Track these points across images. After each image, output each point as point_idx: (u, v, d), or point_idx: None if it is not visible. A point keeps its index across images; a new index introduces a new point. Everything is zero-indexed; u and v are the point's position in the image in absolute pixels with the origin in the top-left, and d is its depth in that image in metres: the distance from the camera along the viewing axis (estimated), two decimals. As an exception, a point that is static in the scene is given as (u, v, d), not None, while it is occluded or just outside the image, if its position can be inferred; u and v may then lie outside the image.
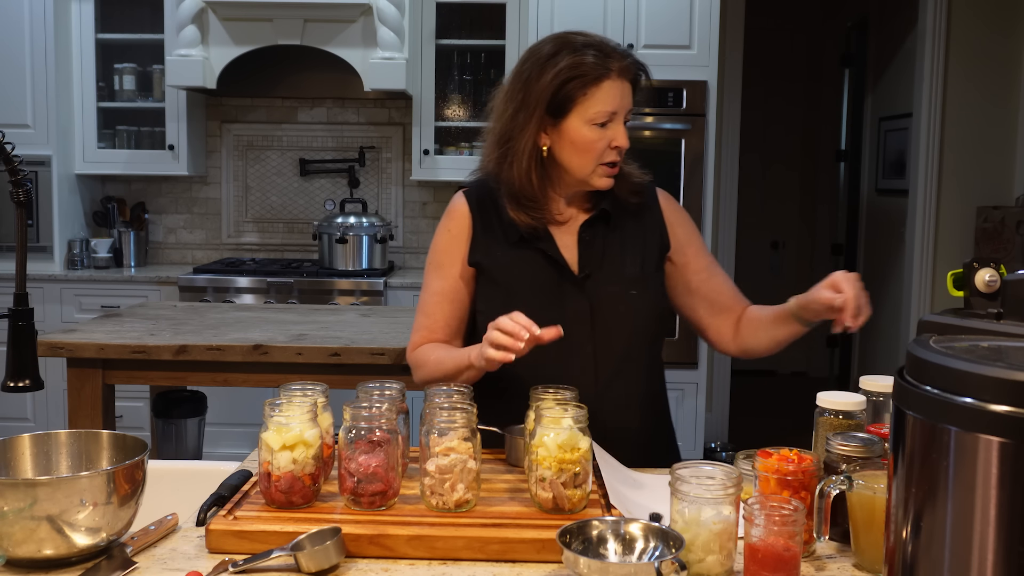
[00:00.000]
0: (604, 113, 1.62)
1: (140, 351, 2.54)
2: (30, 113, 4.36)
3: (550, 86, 1.62)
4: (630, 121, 1.68)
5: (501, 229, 1.72)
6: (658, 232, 1.77)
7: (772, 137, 6.56)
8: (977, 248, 4.65)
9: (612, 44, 1.66)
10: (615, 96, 1.62)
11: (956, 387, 0.89)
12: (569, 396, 1.48)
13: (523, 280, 1.70)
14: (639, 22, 4.16)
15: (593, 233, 1.73)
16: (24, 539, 1.16)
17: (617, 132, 1.64)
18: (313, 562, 1.18)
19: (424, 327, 1.75)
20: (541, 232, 1.70)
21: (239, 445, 4.11)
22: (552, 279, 1.69)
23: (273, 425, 1.32)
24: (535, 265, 1.70)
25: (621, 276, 1.71)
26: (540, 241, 1.70)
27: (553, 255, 1.70)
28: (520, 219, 1.68)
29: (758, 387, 6.28)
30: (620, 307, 1.68)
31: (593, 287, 1.70)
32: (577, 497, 1.32)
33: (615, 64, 1.63)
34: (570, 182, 1.70)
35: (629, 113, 1.66)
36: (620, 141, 1.64)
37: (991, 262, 1.20)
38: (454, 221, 1.75)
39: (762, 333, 1.78)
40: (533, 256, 1.70)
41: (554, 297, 1.68)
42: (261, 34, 4.22)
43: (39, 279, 4.25)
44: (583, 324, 1.67)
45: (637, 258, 1.73)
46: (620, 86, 1.63)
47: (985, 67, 4.70)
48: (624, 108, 1.64)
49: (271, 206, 4.85)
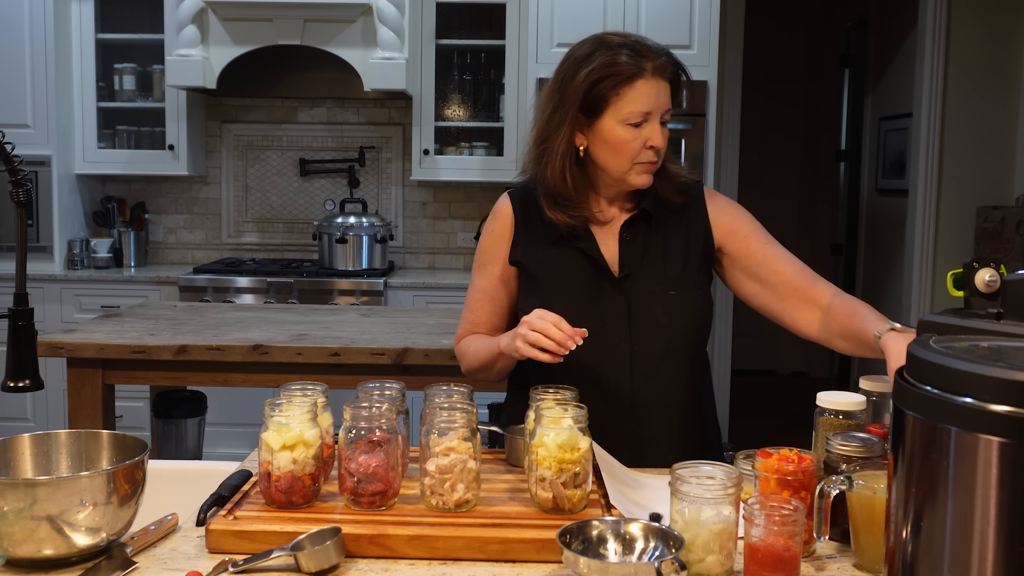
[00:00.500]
0: (637, 113, 1.61)
1: (140, 351, 2.54)
2: (30, 113, 4.36)
3: (583, 85, 1.61)
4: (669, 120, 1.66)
5: (543, 229, 1.73)
6: (702, 232, 1.75)
7: (772, 137, 6.56)
8: (977, 248, 4.65)
9: (649, 43, 1.64)
10: (649, 96, 1.61)
11: (956, 387, 0.89)
12: (569, 396, 1.48)
13: (562, 279, 1.70)
14: (639, 22, 4.16)
15: (634, 232, 1.72)
16: (24, 539, 1.16)
17: (652, 132, 1.63)
18: (313, 562, 1.18)
19: (468, 321, 1.80)
20: (581, 231, 1.71)
21: (239, 445, 4.11)
22: (591, 278, 1.70)
23: (273, 425, 1.32)
24: (574, 264, 1.70)
25: (661, 276, 1.70)
26: (580, 240, 1.71)
27: (592, 254, 1.70)
28: (557, 218, 1.69)
29: (758, 387, 6.29)
30: (659, 308, 1.68)
31: (632, 287, 1.69)
32: (577, 497, 1.32)
33: (649, 63, 1.61)
34: (608, 181, 1.70)
35: (667, 113, 1.64)
36: (655, 141, 1.63)
37: (991, 262, 1.20)
38: (497, 221, 1.78)
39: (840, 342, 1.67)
40: (573, 255, 1.71)
41: (592, 296, 1.69)
42: (261, 34, 4.22)
43: (39, 279, 4.25)
44: (621, 324, 1.67)
45: (679, 258, 1.72)
46: (655, 85, 1.61)
47: (985, 67, 4.70)
48: (660, 108, 1.62)
49: (271, 206, 4.85)
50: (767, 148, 6.52)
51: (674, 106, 1.66)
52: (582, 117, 1.64)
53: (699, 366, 1.79)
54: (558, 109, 1.65)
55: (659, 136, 1.63)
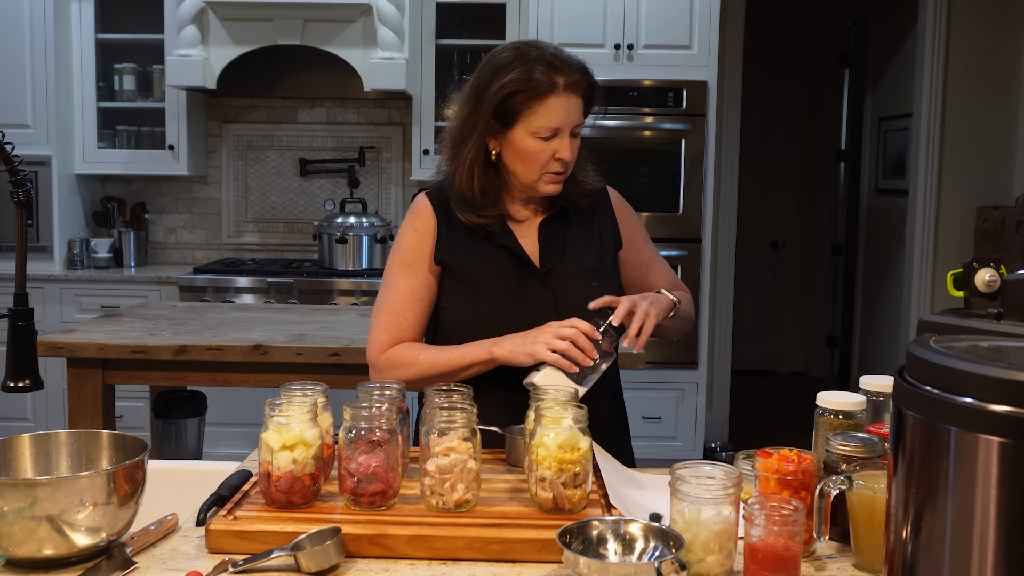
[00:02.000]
0: (547, 128, 1.66)
1: (140, 351, 2.54)
2: (30, 113, 4.36)
3: (497, 96, 1.66)
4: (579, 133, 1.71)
5: (464, 227, 1.75)
6: (611, 229, 1.85)
7: (772, 137, 6.56)
8: (977, 248, 4.65)
9: (564, 58, 1.68)
10: (559, 112, 1.65)
11: (956, 387, 0.89)
12: (569, 396, 1.48)
13: (489, 276, 1.74)
14: (639, 22, 4.16)
15: (552, 230, 1.78)
16: (24, 539, 1.16)
17: (561, 145, 1.67)
18: (313, 562, 1.18)
19: (393, 327, 1.74)
20: (500, 229, 1.75)
21: (239, 445, 4.11)
22: (516, 274, 1.74)
23: (273, 425, 1.32)
24: (499, 261, 1.74)
25: (582, 268, 1.77)
26: (501, 237, 1.75)
27: (516, 250, 1.74)
28: (467, 219, 1.73)
29: (758, 387, 6.29)
30: (582, 298, 1.70)
31: (556, 279, 1.75)
32: (577, 497, 1.32)
33: (562, 79, 1.65)
34: (519, 186, 1.76)
35: (579, 127, 1.69)
36: (563, 154, 1.68)
37: (991, 262, 1.20)
38: (420, 220, 1.78)
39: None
40: (496, 252, 1.74)
41: (519, 291, 1.73)
42: (261, 34, 4.22)
43: (39, 279, 4.25)
44: (548, 315, 1.69)
45: (595, 251, 1.80)
46: (567, 101, 1.65)
47: (985, 67, 4.70)
48: (569, 124, 1.67)
49: (271, 206, 4.85)
50: (767, 148, 6.53)
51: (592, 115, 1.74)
52: (495, 124, 1.69)
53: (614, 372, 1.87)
54: (472, 114, 1.70)
55: (567, 149, 1.68)
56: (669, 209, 4.24)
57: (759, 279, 6.63)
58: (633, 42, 4.16)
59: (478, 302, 1.71)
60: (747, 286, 6.34)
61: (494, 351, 1.63)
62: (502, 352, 1.62)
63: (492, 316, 1.71)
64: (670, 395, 4.34)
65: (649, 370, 4.18)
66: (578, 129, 1.70)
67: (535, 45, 1.70)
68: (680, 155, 4.20)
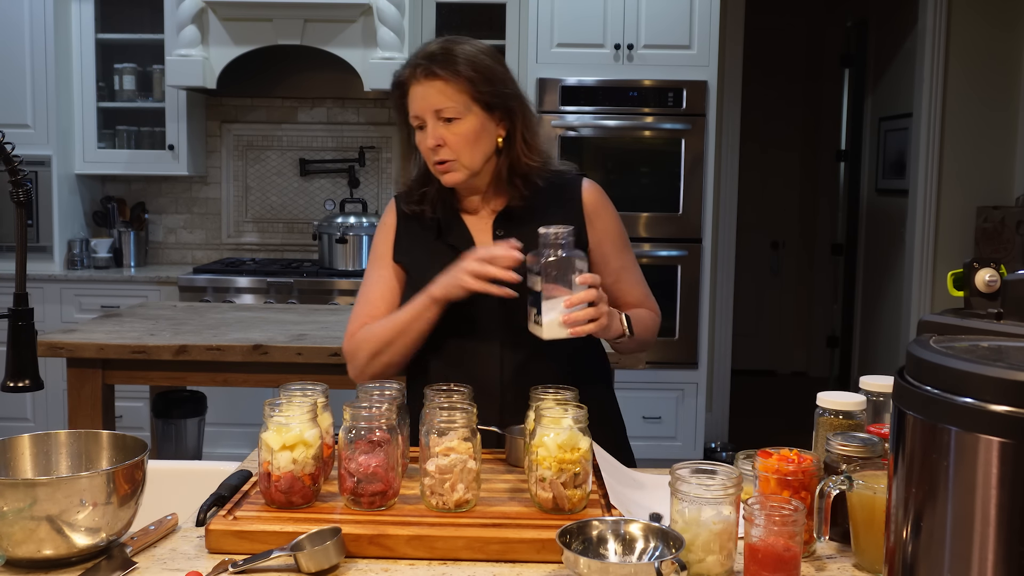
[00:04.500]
0: (415, 118, 1.69)
1: (140, 351, 2.54)
2: (30, 113, 4.36)
3: (393, 101, 1.74)
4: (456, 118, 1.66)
5: (422, 229, 1.78)
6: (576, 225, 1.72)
7: (772, 137, 6.56)
8: (977, 248, 4.65)
9: (428, 47, 1.70)
10: (416, 100, 1.67)
11: (956, 387, 0.89)
12: (569, 396, 1.48)
13: (435, 275, 1.71)
14: (639, 22, 4.17)
15: (507, 227, 1.74)
16: (24, 539, 1.16)
17: (427, 134, 1.68)
18: (313, 562, 1.18)
19: (365, 315, 1.78)
20: (456, 226, 1.76)
21: (239, 445, 4.11)
22: None
23: (273, 425, 1.32)
24: (448, 260, 1.71)
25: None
26: (453, 236, 1.75)
27: (462, 248, 1.71)
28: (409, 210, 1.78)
29: (758, 387, 6.28)
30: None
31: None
32: (577, 497, 1.32)
33: (411, 70, 1.68)
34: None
35: (446, 110, 1.65)
36: (427, 142, 1.68)
37: (991, 262, 1.20)
38: (386, 216, 1.84)
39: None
40: (447, 252, 1.73)
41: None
42: (261, 34, 4.22)
43: (39, 279, 4.25)
44: (492, 317, 1.68)
45: None
46: (422, 88, 1.66)
47: (985, 67, 4.70)
48: (427, 110, 1.66)
49: (271, 206, 4.85)
50: (767, 148, 6.53)
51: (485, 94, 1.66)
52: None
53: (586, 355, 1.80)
54: (400, 124, 1.76)
55: (431, 137, 1.67)
56: (669, 209, 4.24)
57: (759, 279, 6.63)
58: (633, 42, 4.16)
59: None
60: (747, 286, 6.34)
61: (433, 293, 1.64)
62: (439, 293, 1.63)
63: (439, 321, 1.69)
64: (670, 395, 4.34)
65: (649, 370, 4.18)
66: (448, 112, 1.65)
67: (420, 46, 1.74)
68: (680, 155, 4.20)
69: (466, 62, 1.66)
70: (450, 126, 1.66)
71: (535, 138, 1.75)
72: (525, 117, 1.73)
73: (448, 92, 1.65)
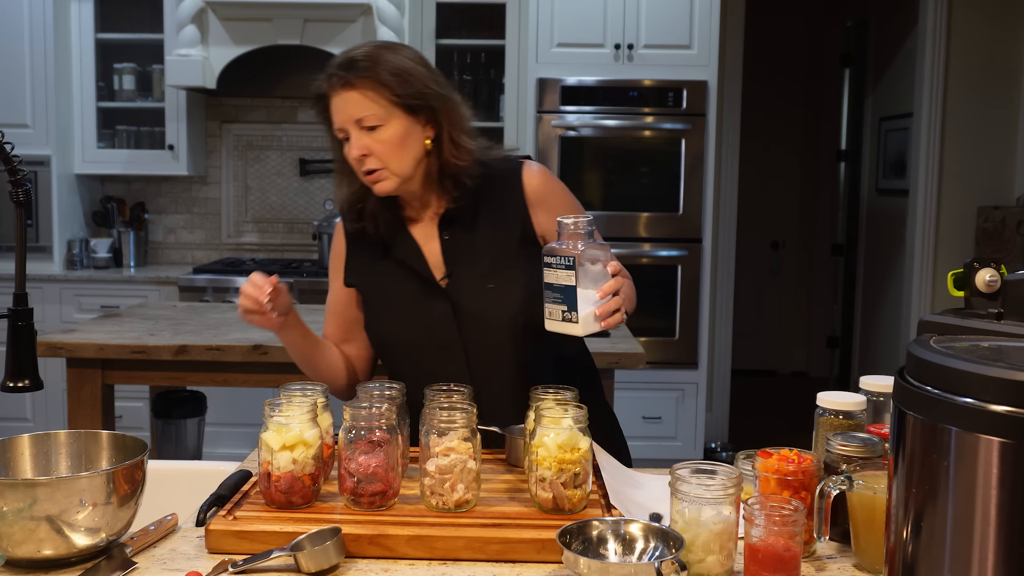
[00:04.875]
0: (339, 131, 1.63)
1: (140, 351, 2.54)
2: (30, 113, 4.36)
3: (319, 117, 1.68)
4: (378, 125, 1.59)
5: (369, 247, 1.73)
6: (518, 217, 1.70)
7: (772, 137, 6.56)
8: (978, 248, 4.65)
9: (338, 58, 1.64)
10: (337, 112, 1.62)
11: (956, 387, 0.88)
12: (569, 396, 1.48)
13: (386, 294, 1.70)
14: (639, 22, 4.16)
15: (452, 229, 1.69)
16: (24, 539, 1.16)
17: (349, 146, 1.62)
18: (313, 562, 1.18)
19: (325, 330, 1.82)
20: (402, 238, 1.70)
21: (239, 445, 4.11)
22: (415, 287, 1.69)
23: (273, 425, 1.32)
24: (398, 276, 1.69)
25: (477, 271, 1.67)
26: (399, 249, 1.70)
27: (411, 263, 1.68)
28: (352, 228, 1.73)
29: (758, 387, 6.28)
30: (479, 304, 1.65)
31: (454, 287, 1.67)
32: (577, 497, 1.32)
33: (328, 80, 1.63)
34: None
35: (361, 121, 1.59)
36: (350, 153, 1.61)
37: (992, 262, 1.19)
38: (334, 242, 1.80)
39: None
40: (395, 267, 1.70)
41: (418, 305, 1.68)
42: (261, 34, 4.22)
43: (39, 279, 4.25)
44: (448, 325, 1.66)
45: (495, 248, 1.68)
46: (339, 100, 1.61)
47: (985, 67, 4.70)
48: (348, 120, 1.60)
49: (271, 206, 4.85)
50: (767, 148, 6.53)
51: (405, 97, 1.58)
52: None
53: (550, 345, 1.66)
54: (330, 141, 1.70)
55: (354, 147, 1.60)
56: (669, 209, 4.24)
57: (759, 279, 6.63)
58: (633, 42, 4.16)
59: (380, 324, 1.70)
60: (747, 286, 6.34)
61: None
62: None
63: (395, 335, 1.69)
64: (670, 395, 4.33)
65: (649, 370, 4.18)
66: (370, 120, 1.58)
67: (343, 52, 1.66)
68: (680, 155, 4.20)
69: (382, 66, 1.59)
70: (373, 134, 1.59)
71: (464, 137, 1.66)
72: (452, 117, 1.64)
73: (366, 99, 1.58)
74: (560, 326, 1.43)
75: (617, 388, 2.81)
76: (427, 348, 1.67)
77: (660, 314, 4.27)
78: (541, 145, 4.20)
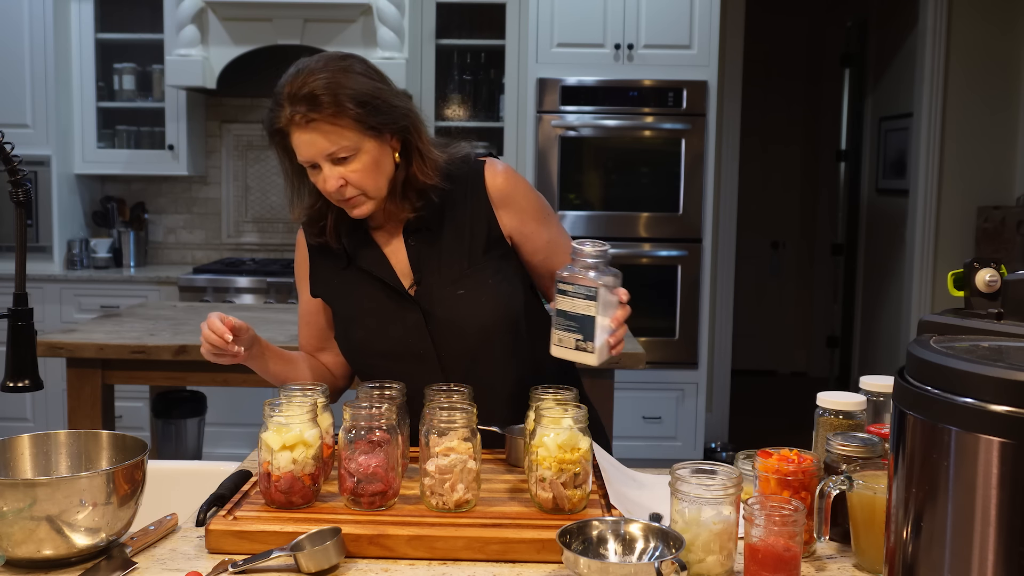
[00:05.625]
0: (305, 162, 1.54)
1: (140, 351, 2.54)
2: (30, 113, 4.36)
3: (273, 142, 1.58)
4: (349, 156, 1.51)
5: (333, 257, 1.69)
6: (484, 218, 1.66)
7: (772, 137, 6.56)
8: (978, 248, 4.65)
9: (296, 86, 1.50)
10: (301, 147, 1.52)
11: (956, 387, 0.88)
12: (569, 396, 1.48)
13: (355, 305, 1.68)
14: (639, 22, 4.16)
15: (419, 236, 1.66)
16: (23, 539, 1.16)
17: (322, 178, 1.53)
18: (313, 562, 1.18)
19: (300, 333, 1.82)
20: (366, 247, 1.67)
21: (239, 445, 4.11)
22: (384, 296, 1.66)
23: (273, 425, 1.32)
24: (366, 286, 1.67)
25: (448, 278, 1.64)
26: (365, 259, 1.67)
27: (379, 274, 1.65)
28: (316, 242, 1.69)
29: (758, 387, 6.28)
30: (451, 311, 1.64)
31: (424, 295, 1.64)
32: (577, 497, 1.32)
33: (288, 116, 1.50)
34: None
35: (333, 155, 1.51)
36: (328, 186, 1.53)
37: (992, 262, 1.19)
38: (298, 252, 1.78)
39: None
40: (362, 277, 1.67)
41: (388, 315, 1.65)
42: (261, 34, 4.22)
43: (39, 279, 4.25)
44: (421, 334, 1.64)
45: (463, 252, 1.65)
46: (307, 137, 1.50)
47: (985, 67, 4.70)
48: (316, 155, 1.51)
49: (271, 206, 4.85)
50: (767, 148, 6.53)
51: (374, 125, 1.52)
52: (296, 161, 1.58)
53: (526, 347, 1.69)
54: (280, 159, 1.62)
55: (332, 179, 1.52)
56: (669, 209, 4.24)
57: (759, 279, 6.63)
58: (633, 42, 4.16)
59: (350, 336, 1.68)
60: (747, 286, 6.34)
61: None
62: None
63: (367, 346, 1.67)
64: (670, 395, 4.34)
65: (649, 370, 4.18)
66: (344, 153, 1.50)
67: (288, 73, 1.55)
68: (680, 155, 4.20)
69: (345, 96, 1.49)
70: (347, 164, 1.52)
71: (430, 148, 1.62)
72: (417, 129, 1.60)
73: (333, 135, 1.50)
74: (572, 354, 1.40)
75: (617, 388, 2.81)
76: (400, 357, 1.64)
77: (660, 314, 4.27)
78: (541, 145, 4.20)
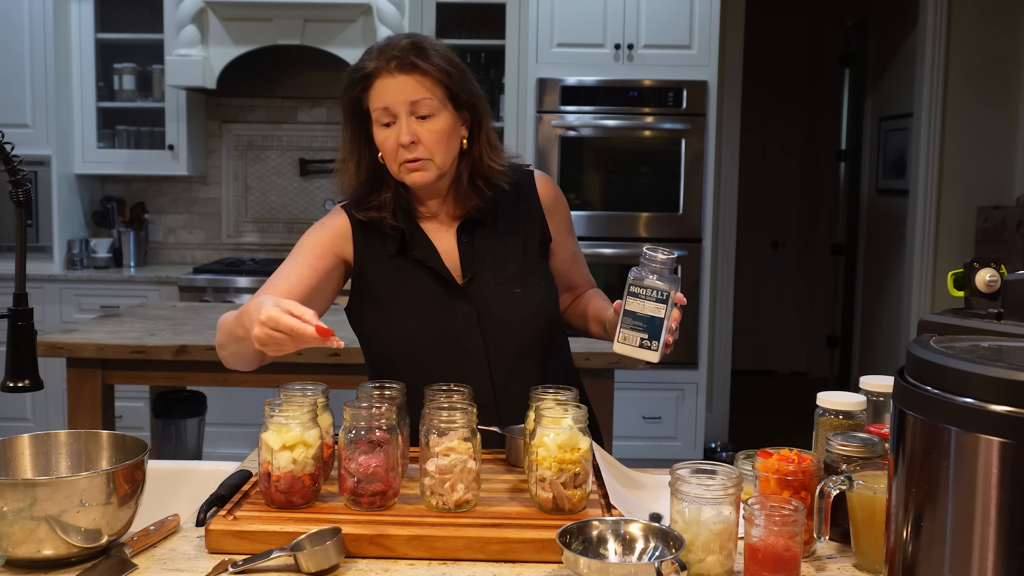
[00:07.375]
0: (380, 111, 1.57)
1: (140, 351, 2.54)
2: (30, 113, 4.36)
3: (346, 95, 1.62)
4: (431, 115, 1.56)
5: (381, 242, 1.67)
6: (538, 223, 1.73)
7: (772, 137, 6.56)
8: (978, 248, 4.65)
9: (396, 40, 1.59)
10: (386, 93, 1.56)
11: (956, 387, 0.89)
12: (569, 396, 1.48)
13: (406, 294, 1.66)
14: (639, 22, 4.16)
15: (471, 234, 1.68)
16: (24, 539, 1.16)
17: (399, 129, 1.56)
18: (313, 562, 1.18)
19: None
20: (418, 239, 1.67)
21: (239, 445, 4.11)
22: (436, 287, 1.65)
23: (273, 425, 1.32)
24: (417, 276, 1.66)
25: (505, 275, 1.67)
26: (417, 249, 1.66)
27: (432, 264, 1.65)
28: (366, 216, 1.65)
29: (758, 387, 6.28)
30: (506, 308, 1.65)
31: (478, 290, 1.65)
32: (577, 497, 1.32)
33: (381, 62, 1.56)
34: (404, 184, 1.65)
35: (419, 105, 1.56)
36: (402, 138, 1.56)
37: (992, 262, 1.20)
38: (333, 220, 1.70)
39: (578, 320, 1.84)
40: (413, 267, 1.66)
41: (440, 307, 1.65)
42: (261, 34, 4.22)
43: (39, 279, 4.25)
44: (472, 329, 1.64)
45: (519, 252, 1.70)
46: (393, 82, 1.56)
47: (985, 67, 4.70)
48: (400, 103, 1.56)
49: (271, 206, 4.85)
50: (767, 148, 6.53)
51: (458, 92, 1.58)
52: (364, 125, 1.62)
53: (560, 352, 1.80)
54: (345, 124, 1.65)
55: (405, 133, 1.56)
56: (669, 209, 4.24)
57: (759, 279, 6.63)
58: (633, 42, 4.16)
59: (398, 331, 1.65)
60: (747, 286, 6.34)
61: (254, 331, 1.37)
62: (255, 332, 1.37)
63: (414, 342, 1.65)
64: (670, 395, 4.34)
65: (649, 370, 4.17)
66: (423, 108, 1.56)
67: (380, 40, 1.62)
68: (680, 155, 4.20)
69: (442, 57, 1.58)
70: (424, 123, 1.57)
71: (495, 140, 1.68)
72: (488, 116, 1.65)
73: (426, 86, 1.56)
74: (635, 351, 1.49)
75: (617, 388, 2.81)
76: (448, 351, 1.64)
77: (660, 314, 4.26)
78: (541, 145, 4.20)
